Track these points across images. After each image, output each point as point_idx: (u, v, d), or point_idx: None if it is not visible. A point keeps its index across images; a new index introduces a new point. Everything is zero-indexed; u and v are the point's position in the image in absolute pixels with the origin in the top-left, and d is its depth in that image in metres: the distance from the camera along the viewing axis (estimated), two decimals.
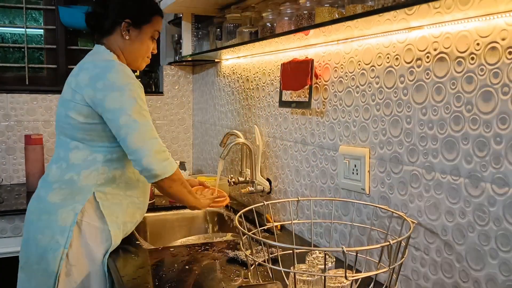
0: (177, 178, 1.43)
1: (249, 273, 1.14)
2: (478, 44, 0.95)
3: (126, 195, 1.49)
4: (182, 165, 2.43)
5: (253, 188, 1.89)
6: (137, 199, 1.53)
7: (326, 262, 0.94)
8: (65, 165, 1.45)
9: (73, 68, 1.54)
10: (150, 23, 1.54)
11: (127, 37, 1.52)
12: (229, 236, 1.84)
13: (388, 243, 0.89)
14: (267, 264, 0.94)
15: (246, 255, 1.04)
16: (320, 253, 1.02)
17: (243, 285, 0.81)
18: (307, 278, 0.93)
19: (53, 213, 1.42)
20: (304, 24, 1.38)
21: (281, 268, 0.93)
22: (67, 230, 1.40)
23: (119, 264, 1.38)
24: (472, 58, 0.96)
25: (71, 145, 1.45)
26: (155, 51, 1.62)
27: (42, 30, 2.77)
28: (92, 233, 1.42)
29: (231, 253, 1.41)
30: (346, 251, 0.83)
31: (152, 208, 2.02)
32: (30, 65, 2.71)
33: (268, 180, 1.85)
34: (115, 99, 1.37)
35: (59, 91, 2.65)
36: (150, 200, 1.80)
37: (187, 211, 2.05)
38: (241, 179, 1.94)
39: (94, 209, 1.43)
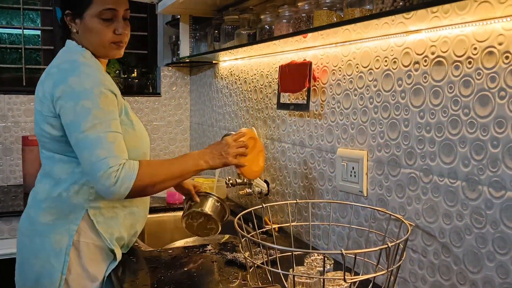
0: (140, 189, 1.24)
1: (248, 275, 1.14)
2: (475, 48, 0.96)
3: (123, 206, 1.38)
4: None
5: (250, 190, 1.89)
6: (136, 209, 1.42)
7: (325, 265, 0.94)
8: (52, 181, 1.33)
9: None
10: (91, 5, 1.32)
11: (74, 30, 1.36)
12: (227, 238, 1.84)
13: (387, 245, 0.89)
14: (266, 266, 0.95)
15: (245, 257, 1.04)
16: (318, 255, 1.03)
17: (245, 287, 0.81)
18: (306, 281, 0.94)
19: (46, 235, 1.32)
20: (303, 27, 1.39)
21: (280, 271, 0.93)
22: (62, 253, 1.30)
23: (118, 268, 1.38)
24: (470, 62, 0.97)
25: (55, 158, 1.33)
26: (120, 31, 1.36)
27: (39, 31, 2.77)
28: (92, 253, 1.33)
29: (229, 255, 1.41)
30: (345, 253, 0.84)
31: (149, 209, 2.02)
32: (27, 66, 2.70)
33: (266, 182, 1.85)
34: (68, 112, 1.23)
35: None
36: None
37: None
38: (238, 180, 1.94)
39: (90, 227, 1.33)
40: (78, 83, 1.24)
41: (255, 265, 1.01)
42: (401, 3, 1.00)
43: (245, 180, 1.93)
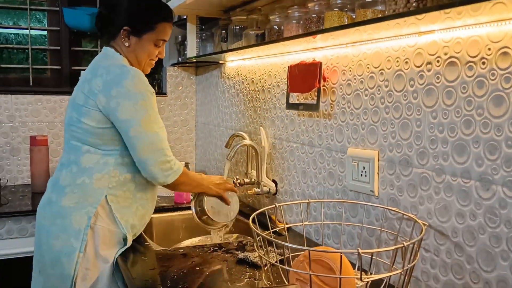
0: (180, 182, 1.51)
1: (262, 274, 1.15)
2: (489, 49, 0.96)
3: (136, 197, 1.51)
4: (186, 166, 2.44)
5: (259, 190, 1.90)
6: (146, 202, 1.55)
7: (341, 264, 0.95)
8: (76, 169, 1.47)
9: (76, 69, 1.55)
10: (152, 31, 1.53)
11: (126, 44, 1.53)
12: (235, 237, 1.85)
13: (403, 245, 0.90)
14: (282, 265, 0.95)
15: (260, 256, 1.05)
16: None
17: (264, 286, 0.82)
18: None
19: (67, 217, 1.44)
20: (313, 27, 1.39)
21: (298, 270, 0.94)
22: (81, 233, 1.42)
23: (130, 265, 1.39)
24: (483, 63, 0.98)
25: (83, 149, 1.47)
26: (162, 56, 1.63)
27: (46, 31, 2.78)
28: (106, 237, 1.45)
29: (240, 254, 1.42)
30: (362, 253, 0.85)
31: (158, 209, 2.03)
32: (34, 66, 2.71)
33: (274, 181, 1.86)
34: (127, 110, 1.40)
35: (63, 92, 2.69)
36: None
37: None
38: (246, 180, 1.95)
39: (107, 212, 1.46)
40: (132, 85, 1.41)
41: (270, 263, 1.02)
42: (414, 4, 1.01)
43: (253, 180, 1.94)
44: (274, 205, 1.18)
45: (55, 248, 1.43)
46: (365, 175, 1.33)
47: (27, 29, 2.69)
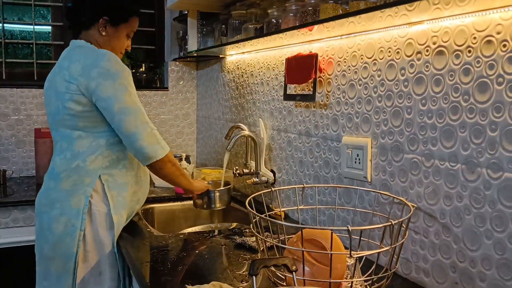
0: (168, 160, 1.54)
1: (258, 255, 1.20)
2: (475, 37, 1.01)
3: (131, 175, 1.59)
4: (187, 159, 2.49)
5: (257, 179, 1.95)
6: (139, 179, 1.63)
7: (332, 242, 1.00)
8: (70, 155, 1.53)
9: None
10: (127, 23, 1.63)
11: (103, 33, 1.59)
12: (235, 225, 1.90)
13: (390, 223, 0.95)
14: (277, 243, 1.00)
15: (256, 237, 1.10)
16: None
17: (257, 259, 0.87)
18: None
19: (66, 200, 1.50)
20: (309, 20, 1.44)
21: (290, 247, 0.99)
22: (80, 212, 1.49)
23: (130, 248, 1.44)
24: (469, 51, 1.02)
25: (74, 135, 1.53)
26: (129, 48, 1.71)
27: (50, 27, 2.83)
28: (101, 219, 1.51)
29: (238, 239, 1.47)
30: (351, 229, 0.89)
31: (159, 199, 2.09)
32: (38, 61, 2.77)
33: (272, 171, 1.91)
34: (108, 87, 1.45)
35: None
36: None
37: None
38: (245, 170, 2.00)
39: (101, 193, 1.52)
40: (110, 66, 1.47)
41: (266, 243, 1.07)
42: None
43: (252, 170, 1.99)
44: (270, 190, 1.23)
45: (58, 231, 1.50)
46: (359, 162, 1.37)
47: (31, 24, 2.74)
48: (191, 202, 2.13)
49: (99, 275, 1.51)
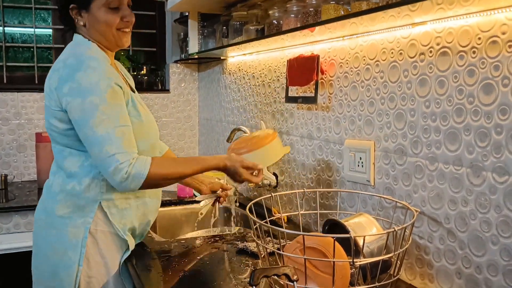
0: (149, 183, 1.29)
1: (259, 262, 1.18)
2: (479, 38, 0.99)
3: (136, 196, 1.41)
4: None
5: (260, 183, 1.92)
6: (148, 199, 1.45)
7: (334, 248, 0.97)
8: (64, 174, 1.37)
9: None
10: None
11: (81, 23, 1.37)
12: (237, 229, 1.88)
13: (393, 229, 0.93)
14: (277, 251, 0.98)
15: (256, 244, 1.08)
16: None
17: (257, 268, 0.85)
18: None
19: (62, 228, 1.35)
20: (310, 21, 1.42)
21: (291, 254, 0.97)
22: (79, 245, 1.34)
23: (132, 255, 1.42)
24: (474, 52, 1.00)
25: (64, 152, 1.37)
26: (131, 18, 1.41)
27: (51, 30, 2.82)
28: (108, 241, 1.37)
29: (240, 245, 1.45)
30: (354, 236, 0.87)
31: (161, 203, 2.06)
32: (39, 65, 2.76)
33: (275, 174, 1.89)
34: (76, 108, 1.27)
35: None
36: None
37: (195, 206, 2.10)
38: None
39: (104, 218, 1.37)
40: (85, 79, 1.26)
41: (267, 249, 1.05)
42: None
43: (254, 173, 1.97)
44: (270, 195, 1.21)
45: (52, 260, 1.36)
46: (362, 166, 1.35)
47: (32, 28, 2.74)
48: (193, 206, 2.12)
49: None
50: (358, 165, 1.36)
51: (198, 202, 1.64)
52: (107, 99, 1.27)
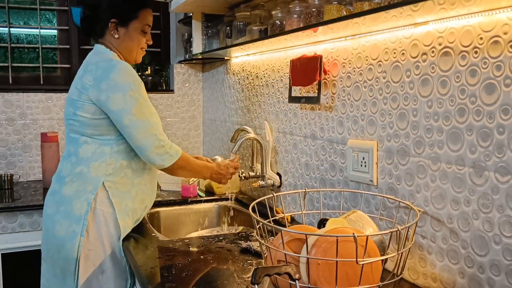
0: (178, 166, 1.59)
1: (263, 262, 1.19)
2: (481, 38, 0.99)
3: (134, 183, 1.60)
4: None
5: (263, 182, 1.93)
6: (145, 186, 1.64)
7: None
8: (75, 159, 1.57)
9: None
10: (137, 19, 1.63)
11: (116, 36, 1.62)
12: (241, 229, 1.89)
13: (397, 229, 0.93)
14: (281, 250, 0.99)
15: (260, 243, 1.08)
16: None
17: (259, 267, 0.86)
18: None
19: (69, 204, 1.54)
20: (313, 21, 1.42)
21: (295, 254, 0.97)
22: (82, 218, 1.52)
23: (135, 254, 1.43)
24: (476, 52, 1.00)
25: (80, 140, 1.57)
26: (150, 42, 1.71)
27: (56, 31, 2.84)
28: (106, 220, 1.54)
29: (243, 244, 1.46)
30: (357, 236, 0.87)
31: (165, 203, 2.08)
32: (44, 65, 2.78)
33: (278, 174, 1.90)
34: (117, 101, 1.50)
35: None
36: None
37: (199, 205, 2.11)
38: (251, 173, 1.99)
39: (106, 197, 1.55)
40: (120, 78, 1.50)
41: (269, 248, 1.06)
42: None
43: (258, 173, 1.98)
44: (271, 195, 1.21)
45: (60, 234, 1.53)
46: (365, 165, 1.35)
47: (37, 28, 2.75)
48: (197, 206, 2.13)
49: (102, 273, 1.53)
50: (361, 165, 1.37)
51: (201, 202, 1.72)
52: (141, 93, 1.53)
